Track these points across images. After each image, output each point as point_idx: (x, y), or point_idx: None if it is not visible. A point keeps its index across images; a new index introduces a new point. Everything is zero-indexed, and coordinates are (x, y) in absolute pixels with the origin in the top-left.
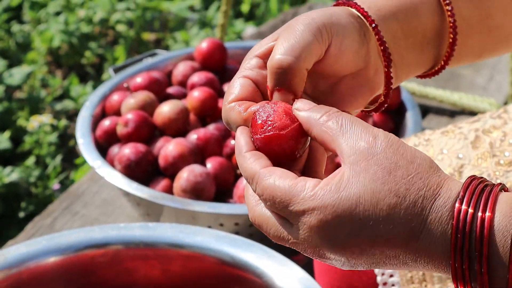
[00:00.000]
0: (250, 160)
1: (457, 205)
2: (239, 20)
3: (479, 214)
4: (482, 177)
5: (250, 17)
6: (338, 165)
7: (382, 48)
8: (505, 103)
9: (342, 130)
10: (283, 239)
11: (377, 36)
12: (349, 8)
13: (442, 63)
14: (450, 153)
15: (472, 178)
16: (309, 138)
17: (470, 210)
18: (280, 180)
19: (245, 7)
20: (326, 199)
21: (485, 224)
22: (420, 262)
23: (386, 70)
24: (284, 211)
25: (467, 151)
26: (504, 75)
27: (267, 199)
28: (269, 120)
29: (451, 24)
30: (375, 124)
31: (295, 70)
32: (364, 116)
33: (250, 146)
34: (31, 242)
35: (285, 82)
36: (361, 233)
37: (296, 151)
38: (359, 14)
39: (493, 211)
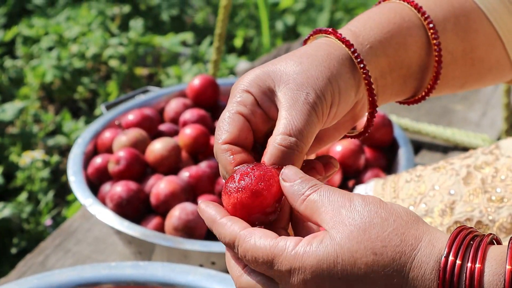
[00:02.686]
0: (227, 225)
1: (443, 259)
2: (232, 55)
3: (468, 264)
4: (471, 228)
5: (243, 51)
6: None
7: (369, 93)
8: (499, 139)
9: (321, 203)
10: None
11: (366, 81)
12: (342, 46)
13: (423, 93)
14: (441, 189)
15: (461, 228)
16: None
17: (458, 262)
18: (261, 240)
19: (238, 42)
20: (305, 259)
21: (475, 275)
22: None
23: (370, 111)
24: (268, 271)
25: (458, 187)
26: (497, 111)
27: (250, 260)
28: (244, 185)
29: (437, 58)
30: (367, 161)
31: (300, 154)
32: (356, 153)
33: (223, 213)
34: (22, 281)
35: (286, 162)
36: None
37: (270, 215)
38: (349, 52)
39: (482, 263)
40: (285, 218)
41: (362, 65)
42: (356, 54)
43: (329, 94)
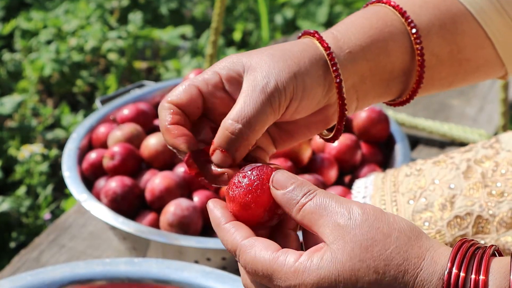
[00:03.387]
0: (230, 232)
1: (446, 273)
2: (231, 48)
3: (472, 276)
4: (473, 240)
5: (242, 45)
6: None
7: (340, 102)
8: (495, 134)
9: (319, 213)
10: None
11: (337, 90)
12: (315, 43)
13: (408, 96)
14: (442, 183)
15: (463, 241)
16: None
17: (462, 274)
18: (262, 253)
19: (237, 35)
20: (306, 277)
21: (479, 286)
22: None
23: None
24: (268, 284)
25: (459, 182)
26: (494, 106)
27: (250, 272)
28: (248, 188)
29: (419, 63)
30: (363, 157)
31: (245, 141)
32: (353, 148)
33: (228, 217)
34: (15, 278)
35: (232, 147)
36: None
37: (267, 222)
38: (325, 55)
39: (486, 275)
40: (293, 220)
41: (334, 68)
42: (330, 57)
43: (291, 88)
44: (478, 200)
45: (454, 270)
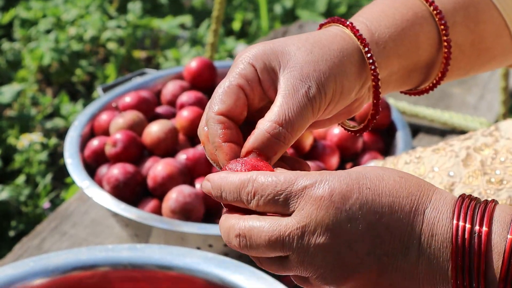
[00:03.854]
0: (236, 173)
1: (454, 221)
2: (230, 37)
3: (476, 228)
4: (470, 195)
5: (241, 35)
6: None
7: (374, 101)
8: (496, 122)
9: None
10: (279, 233)
11: (374, 83)
12: (352, 38)
13: (428, 87)
14: (441, 171)
15: (463, 196)
16: None
17: (468, 225)
18: (280, 172)
19: (236, 25)
20: (333, 174)
21: (482, 239)
22: (423, 244)
23: (374, 112)
24: (286, 194)
25: (458, 169)
26: (495, 94)
27: (265, 190)
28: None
29: (445, 55)
30: (365, 144)
31: (286, 145)
32: (354, 136)
33: (228, 172)
34: (18, 264)
35: (269, 150)
36: (367, 202)
37: None
38: (364, 54)
39: (489, 226)
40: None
41: (373, 67)
42: (369, 55)
43: (331, 92)
44: (477, 188)
45: (461, 223)
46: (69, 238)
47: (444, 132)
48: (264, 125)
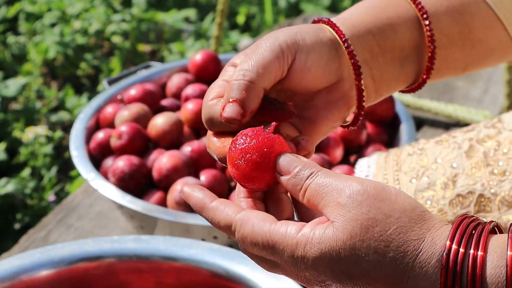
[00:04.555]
0: (219, 209)
1: (445, 252)
2: (234, 31)
3: (471, 252)
4: (473, 216)
5: (245, 28)
6: None
7: (352, 61)
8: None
9: (321, 194)
10: (274, 270)
11: (347, 50)
12: (322, 24)
13: (424, 77)
14: (444, 162)
15: (464, 217)
16: None
17: (461, 250)
18: (260, 224)
19: (240, 19)
20: (308, 249)
21: (477, 262)
22: None
23: (357, 83)
24: (268, 256)
25: (461, 161)
26: (499, 87)
27: (250, 246)
28: (247, 150)
29: (429, 38)
30: (369, 136)
31: (252, 85)
32: (358, 128)
33: (212, 196)
34: (24, 255)
35: (240, 94)
36: (343, 286)
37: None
38: (330, 29)
39: (485, 251)
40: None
41: (344, 39)
42: (336, 30)
43: (292, 41)
44: (480, 179)
45: (454, 246)
46: (74, 230)
47: (448, 125)
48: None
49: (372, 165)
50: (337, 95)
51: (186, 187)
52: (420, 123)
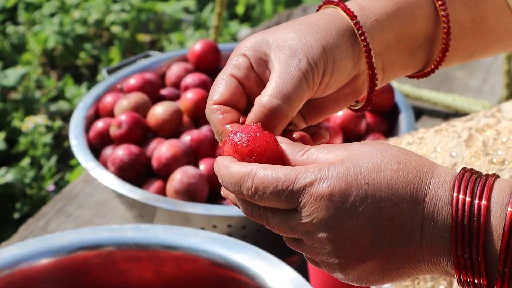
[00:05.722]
0: (233, 166)
1: (455, 194)
2: (234, 21)
3: (476, 201)
4: (471, 169)
5: (245, 18)
6: None
7: (369, 72)
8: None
9: (326, 150)
10: (287, 224)
11: (367, 60)
12: (346, 18)
13: (433, 66)
14: (443, 151)
15: (464, 170)
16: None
17: (468, 199)
18: (278, 168)
19: (240, 9)
20: (331, 170)
21: (482, 212)
22: (425, 234)
23: (370, 85)
24: (287, 193)
25: (460, 150)
26: (498, 78)
27: (264, 190)
28: (243, 140)
29: (445, 30)
30: (368, 126)
31: (284, 117)
32: (358, 117)
33: (231, 159)
34: (23, 244)
35: (269, 124)
36: (367, 198)
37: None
38: (355, 29)
39: (488, 200)
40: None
41: (363, 37)
42: (358, 26)
43: (322, 63)
44: (479, 168)
45: (461, 196)
46: (74, 219)
47: (447, 115)
48: (261, 101)
49: None
50: (349, 90)
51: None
52: (419, 113)
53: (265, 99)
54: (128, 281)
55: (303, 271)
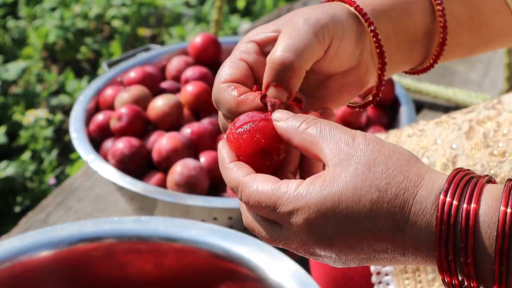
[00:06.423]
0: (232, 170)
1: (441, 197)
2: (234, 15)
3: (464, 205)
4: (468, 170)
5: (246, 13)
6: None
7: (378, 51)
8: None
9: (322, 135)
10: (275, 241)
11: (374, 39)
12: (347, 6)
13: (431, 61)
14: (444, 143)
15: (458, 170)
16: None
17: (455, 202)
18: (263, 185)
19: (241, 3)
20: (309, 198)
21: (470, 215)
22: (408, 255)
23: (380, 72)
24: (271, 214)
25: (460, 142)
26: (499, 71)
27: (253, 205)
28: (246, 133)
29: (442, 24)
30: (369, 119)
31: (296, 70)
32: (358, 111)
33: (232, 157)
34: (24, 236)
35: (283, 79)
36: (345, 228)
37: (274, 160)
38: (357, 13)
39: (478, 203)
40: (292, 163)
41: (366, 17)
42: (359, 9)
43: (331, 25)
44: (480, 160)
45: (448, 199)
46: (74, 212)
47: (448, 108)
48: (272, 58)
49: None
50: (351, 79)
51: (221, 142)
52: (419, 106)
53: (275, 55)
54: (129, 273)
55: (304, 263)
